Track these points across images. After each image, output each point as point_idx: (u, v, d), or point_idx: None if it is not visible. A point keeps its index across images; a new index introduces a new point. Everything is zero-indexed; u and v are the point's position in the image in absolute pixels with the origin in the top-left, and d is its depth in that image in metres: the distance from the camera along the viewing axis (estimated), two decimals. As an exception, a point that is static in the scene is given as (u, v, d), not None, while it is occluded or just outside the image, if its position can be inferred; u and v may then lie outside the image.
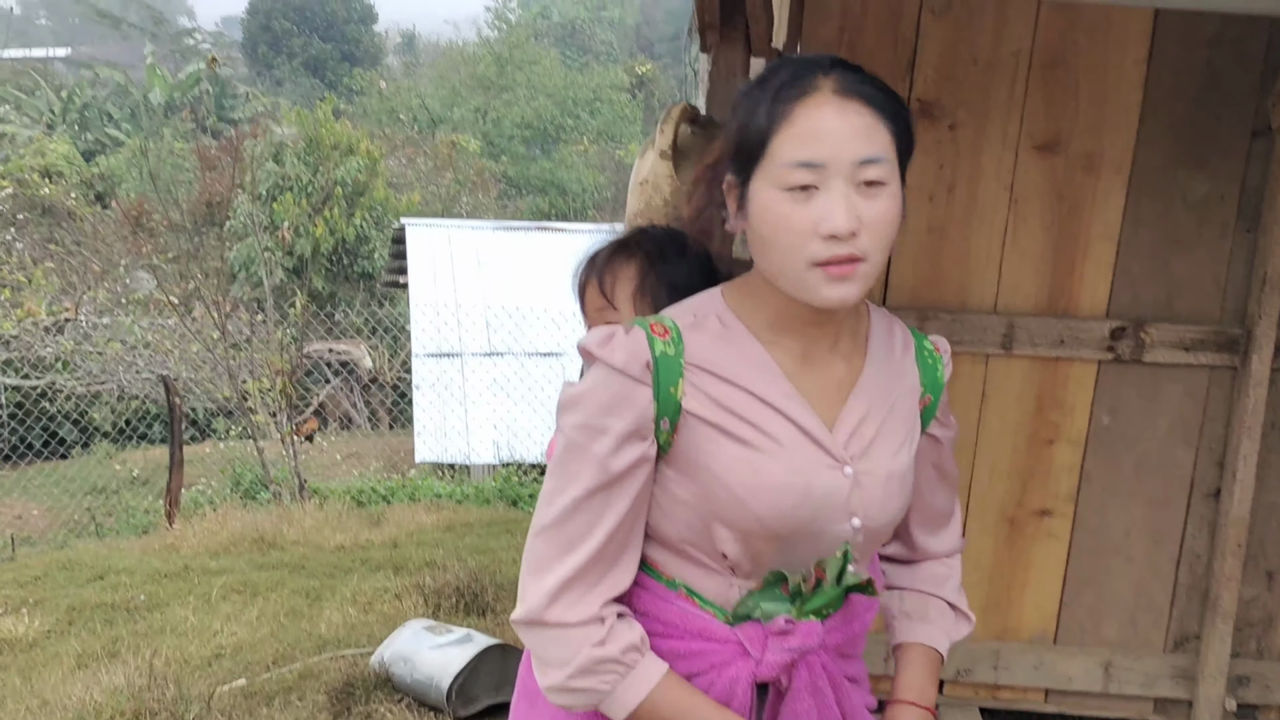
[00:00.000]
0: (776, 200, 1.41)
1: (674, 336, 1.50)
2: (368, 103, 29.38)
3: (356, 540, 7.53)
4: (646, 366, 1.47)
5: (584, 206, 25.46)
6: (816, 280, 1.42)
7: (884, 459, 1.56)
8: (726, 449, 1.49)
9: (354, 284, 18.27)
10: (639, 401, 1.47)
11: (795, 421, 1.51)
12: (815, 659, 1.53)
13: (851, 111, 1.42)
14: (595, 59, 34.53)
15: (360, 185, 17.87)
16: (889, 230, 1.43)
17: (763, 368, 1.52)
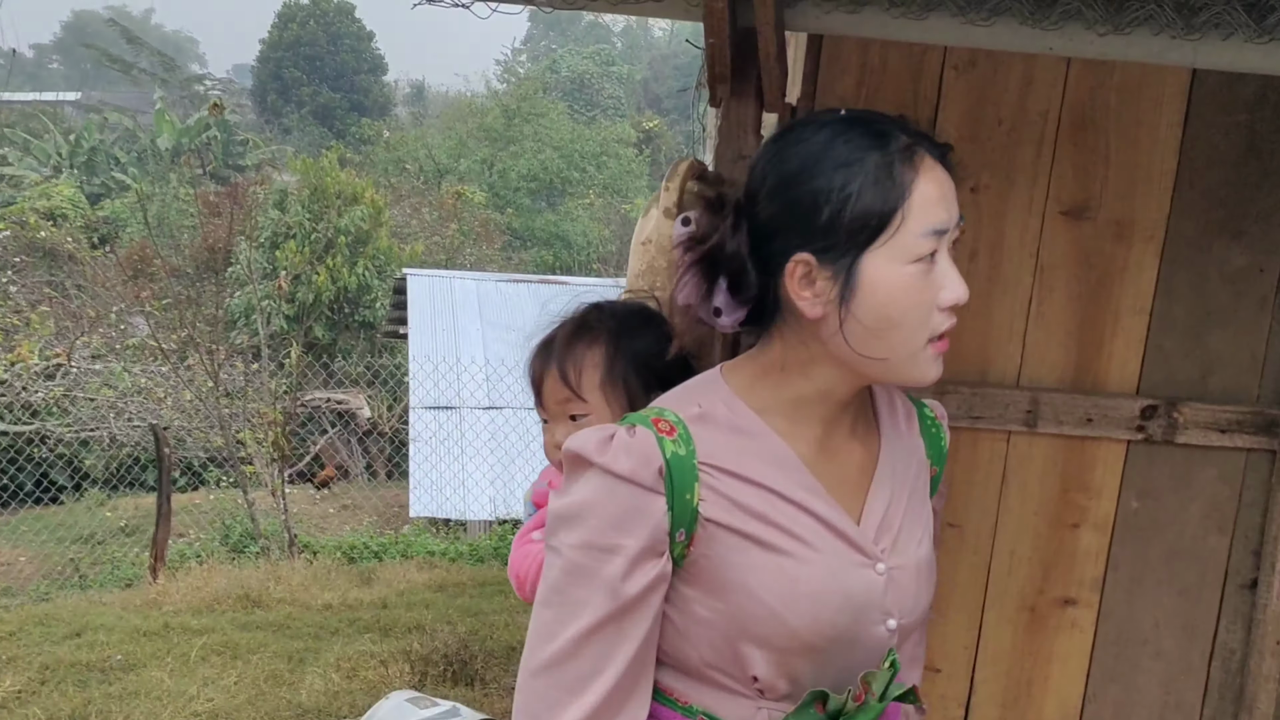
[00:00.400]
0: (906, 275, 1.30)
1: (682, 433, 1.35)
2: (374, 152, 29.47)
3: (345, 599, 7.35)
4: (659, 473, 1.31)
5: (588, 260, 25.46)
6: (930, 358, 1.34)
7: (912, 549, 1.46)
8: (755, 559, 1.34)
9: (354, 333, 18.21)
10: (653, 513, 1.31)
11: (823, 519, 1.38)
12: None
13: (946, 173, 1.36)
14: (603, 113, 34.72)
15: (364, 234, 17.83)
16: None
17: (782, 461, 1.38)
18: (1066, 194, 2.59)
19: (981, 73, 2.55)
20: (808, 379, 1.39)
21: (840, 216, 1.29)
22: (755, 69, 2.39)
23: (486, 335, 12.88)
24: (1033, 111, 2.56)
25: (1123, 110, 2.55)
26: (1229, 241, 2.60)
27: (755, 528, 1.35)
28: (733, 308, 1.43)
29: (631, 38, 57.10)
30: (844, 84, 2.55)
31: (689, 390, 1.45)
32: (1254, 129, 2.57)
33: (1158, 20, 2.19)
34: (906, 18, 2.25)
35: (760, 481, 1.36)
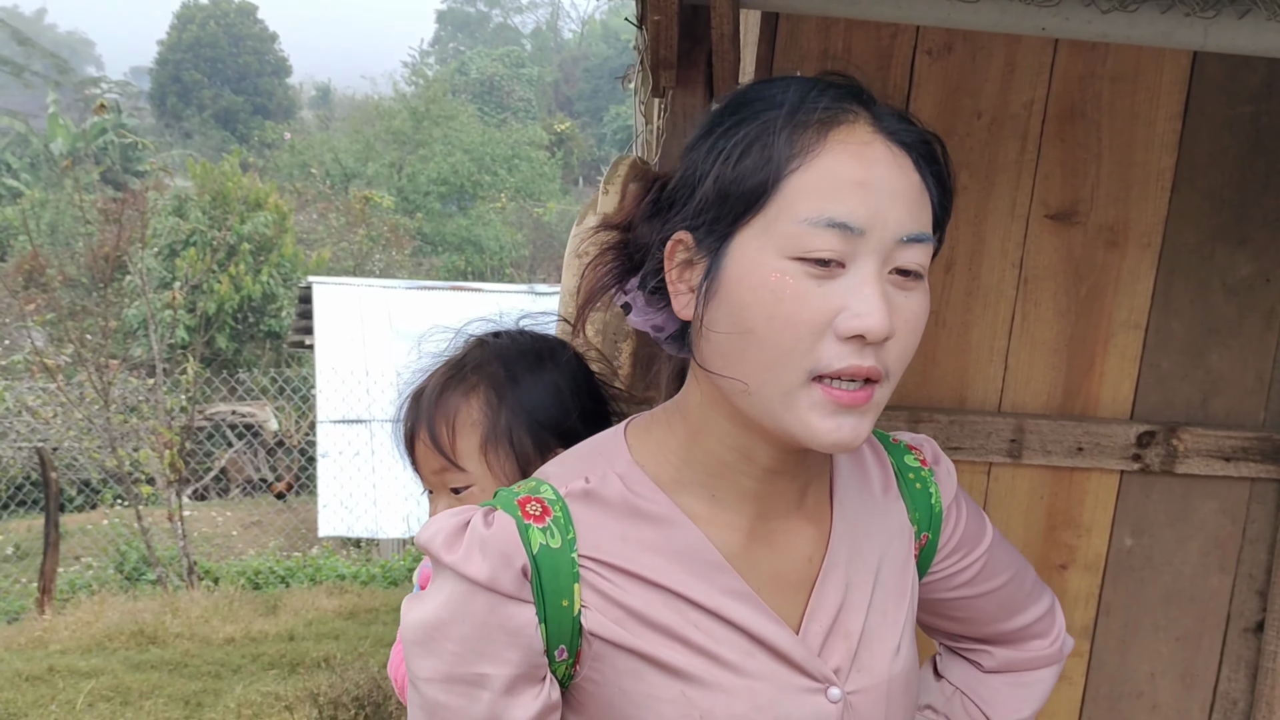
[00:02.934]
0: (780, 271, 0.95)
1: (558, 517, 1.04)
2: (278, 156, 28.81)
3: (248, 632, 6.94)
4: (523, 574, 1.01)
5: (501, 265, 25.12)
6: (812, 404, 0.96)
7: (881, 663, 1.12)
8: (654, 686, 1.03)
9: (260, 343, 17.75)
10: (520, 628, 1.01)
11: (750, 633, 1.06)
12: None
13: (905, 165, 0.99)
14: (513, 115, 34.35)
15: (267, 241, 17.32)
16: (912, 341, 0.99)
17: (695, 556, 1.05)
18: (1053, 196, 2.30)
19: (958, 58, 2.25)
20: (713, 429, 1.05)
21: (718, 181, 0.98)
22: (704, 53, 2.08)
23: (397, 345, 12.45)
24: (1015, 103, 2.27)
25: (1116, 102, 2.27)
26: (1233, 249, 2.33)
27: (654, 645, 1.04)
28: (644, 307, 1.12)
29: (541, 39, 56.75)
30: (804, 72, 2.23)
31: (580, 454, 1.12)
32: (1260, 122, 2.30)
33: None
34: (881, -8, 1.95)
35: (663, 584, 1.05)
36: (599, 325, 1.94)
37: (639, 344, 1.94)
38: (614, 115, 36.68)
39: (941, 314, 2.32)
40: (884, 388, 0.99)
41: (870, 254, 0.96)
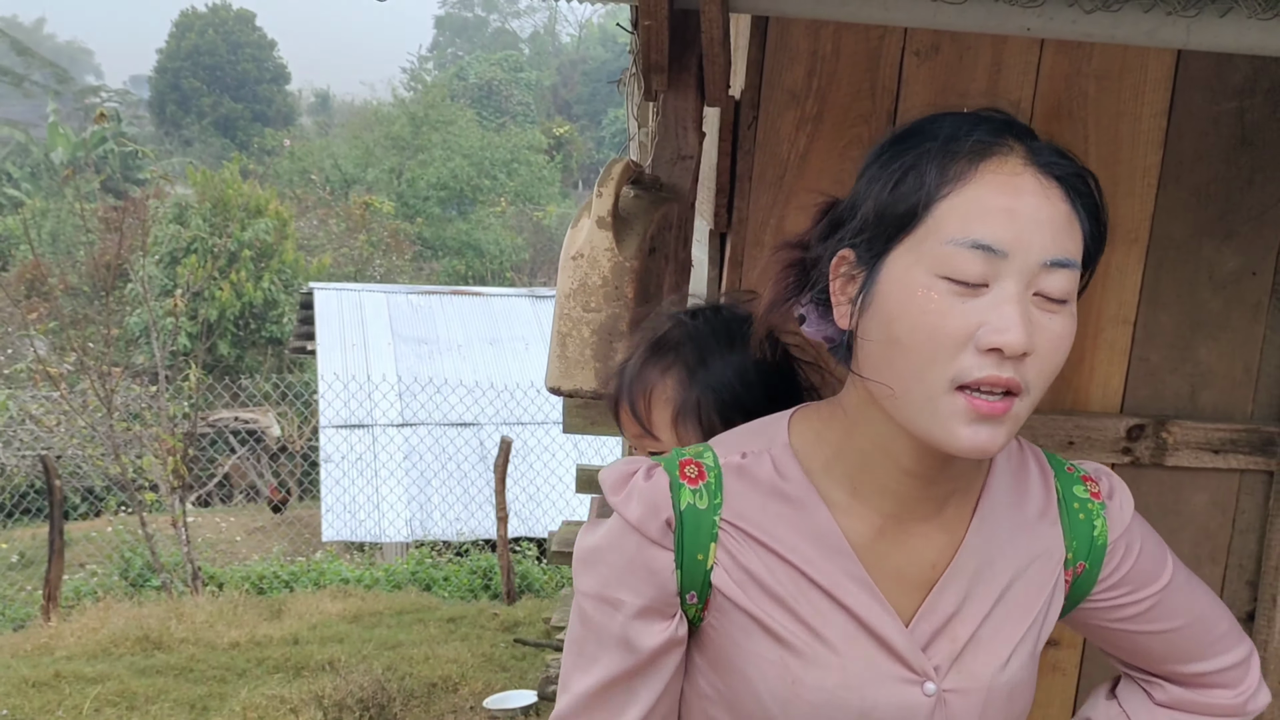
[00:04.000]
0: (928, 286, 1.04)
1: (711, 482, 1.18)
2: (279, 163, 28.83)
3: (253, 636, 6.96)
4: (667, 525, 1.17)
5: (502, 269, 25.12)
6: (954, 412, 1.05)
7: (985, 670, 1.19)
8: (761, 647, 1.16)
9: (261, 349, 17.76)
10: (659, 569, 1.17)
11: (859, 618, 1.16)
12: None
13: (1055, 196, 1.07)
14: (512, 120, 34.35)
15: (268, 247, 17.34)
16: (1055, 362, 1.07)
17: (824, 539, 1.17)
18: (1041, 193, 2.32)
19: (945, 59, 2.28)
20: (865, 428, 1.15)
21: (876, 204, 1.09)
22: (695, 57, 2.10)
23: (398, 350, 12.49)
24: (1003, 101, 2.28)
25: (1101, 99, 2.30)
26: (1219, 243, 2.36)
27: (769, 611, 1.16)
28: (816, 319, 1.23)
29: (539, 44, 56.77)
30: (793, 74, 2.27)
31: (748, 431, 1.25)
32: (1244, 118, 2.33)
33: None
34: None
35: (788, 558, 1.16)
36: (595, 326, 1.97)
37: (634, 344, 1.97)
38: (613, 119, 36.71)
39: (932, 311, 2.36)
40: (1024, 401, 1.06)
41: (1013, 275, 1.03)
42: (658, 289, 2.04)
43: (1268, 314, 2.41)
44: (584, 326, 1.96)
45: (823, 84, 2.28)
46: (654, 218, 2.01)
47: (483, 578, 9.78)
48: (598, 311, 1.95)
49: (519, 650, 6.75)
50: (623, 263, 1.95)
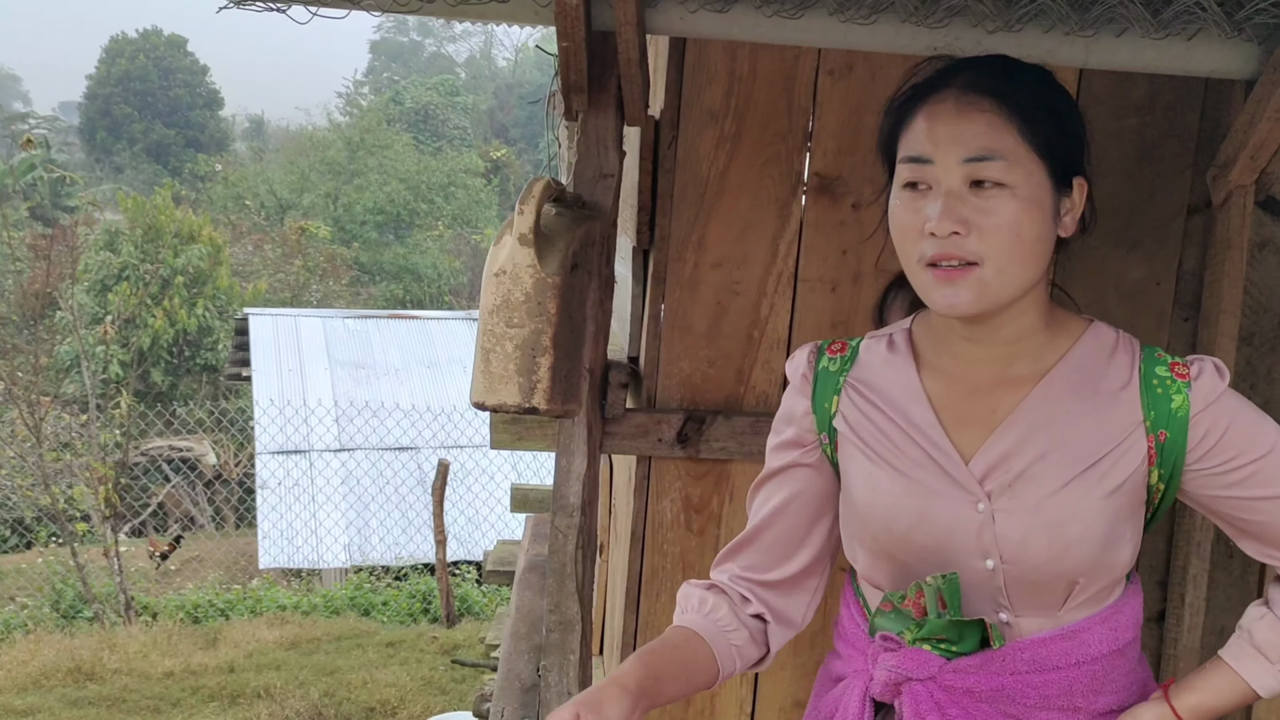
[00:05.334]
0: (897, 199, 1.44)
1: (848, 354, 1.59)
2: (212, 189, 28.54)
3: (188, 665, 6.87)
4: (805, 379, 1.59)
5: (440, 292, 25.03)
6: (927, 282, 1.40)
7: (1034, 498, 1.45)
8: (857, 465, 1.53)
9: (196, 377, 17.54)
10: (797, 411, 1.59)
11: (925, 448, 1.49)
12: (923, 691, 1.46)
13: (972, 107, 1.40)
14: (449, 144, 34.24)
15: (202, 273, 17.16)
16: (1006, 236, 1.37)
17: (908, 391, 1.52)
18: (953, 208, 2.40)
19: (859, 78, 2.35)
20: None
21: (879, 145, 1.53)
22: (614, 77, 2.15)
23: (335, 374, 12.42)
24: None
25: (1008, 116, 2.37)
26: (1125, 254, 2.45)
27: (866, 441, 1.52)
28: None
29: (475, 68, 56.77)
30: (711, 93, 2.32)
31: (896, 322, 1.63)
32: (1144, 134, 2.42)
33: (1049, 15, 2.01)
34: (780, 16, 2.03)
35: (883, 407, 1.52)
36: (518, 341, 2.01)
37: (556, 359, 2.01)
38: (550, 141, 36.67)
39: (850, 324, 2.41)
40: (987, 269, 1.37)
41: (940, 177, 1.38)
42: (580, 305, 2.08)
43: (1171, 323, 2.49)
44: (507, 342, 1.99)
45: (740, 103, 2.33)
46: (576, 235, 2.05)
47: (422, 601, 9.73)
48: (520, 327, 1.99)
49: (458, 672, 6.73)
50: (545, 279, 1.98)
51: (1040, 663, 1.47)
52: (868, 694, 1.51)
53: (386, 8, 1.96)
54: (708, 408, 2.39)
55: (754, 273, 2.37)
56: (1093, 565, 1.45)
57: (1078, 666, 1.48)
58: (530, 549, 4.23)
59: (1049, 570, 1.44)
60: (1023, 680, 1.47)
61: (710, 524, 2.43)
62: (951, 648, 1.46)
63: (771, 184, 2.35)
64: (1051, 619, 1.48)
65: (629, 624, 2.46)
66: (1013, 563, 1.44)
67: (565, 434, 2.18)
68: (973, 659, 1.45)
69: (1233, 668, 1.50)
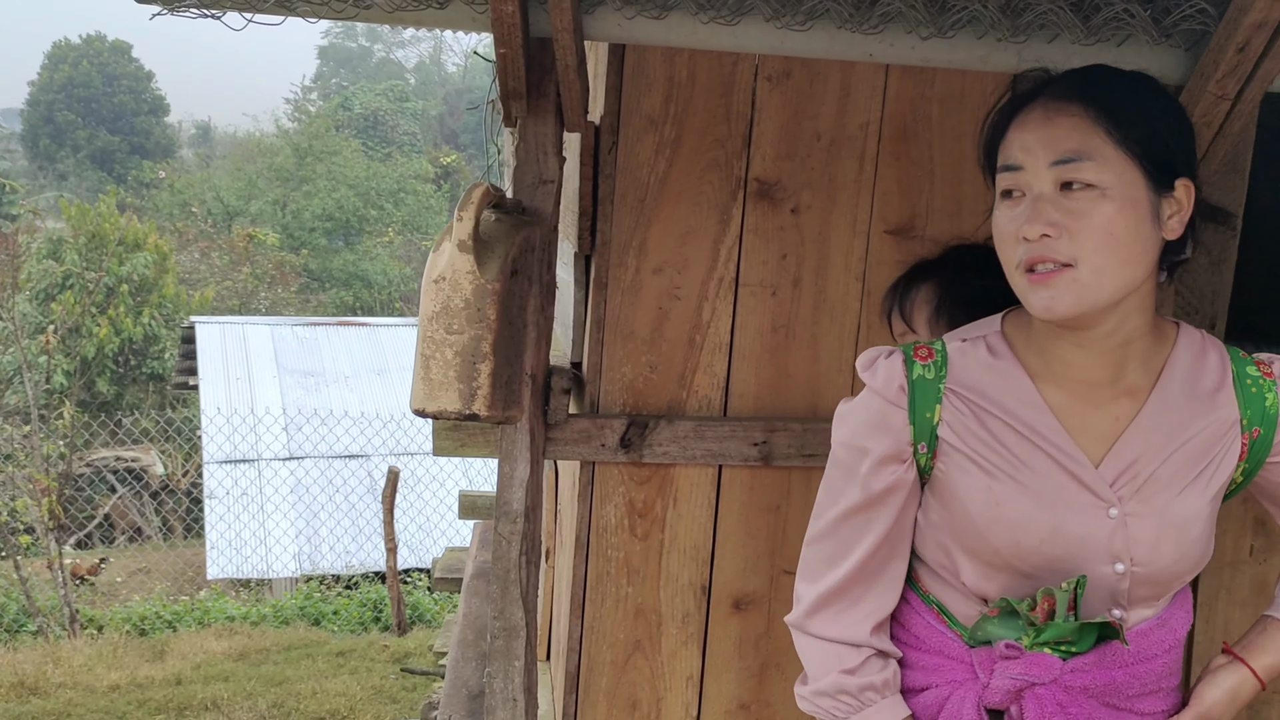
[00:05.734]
0: (997, 209, 1.48)
1: (938, 360, 1.55)
2: (158, 196, 28.23)
3: (134, 678, 6.79)
4: (901, 390, 1.53)
5: (390, 299, 24.89)
6: (1025, 286, 1.43)
7: (1162, 501, 1.50)
8: (972, 479, 1.50)
9: (143, 386, 17.34)
10: (895, 425, 1.53)
11: (1053, 456, 1.48)
12: (1048, 694, 1.48)
13: (1059, 113, 1.44)
14: (398, 149, 34.08)
15: (148, 282, 16.96)
16: (1098, 236, 1.39)
17: (1025, 398, 1.51)
18: (891, 212, 2.42)
19: (796, 84, 2.37)
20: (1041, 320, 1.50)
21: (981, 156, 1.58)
22: (553, 83, 2.15)
23: (284, 383, 12.33)
24: (852, 125, 2.39)
25: (945, 121, 2.41)
26: (1060, 256, 2.48)
27: (980, 452, 1.50)
28: None
29: (425, 73, 56.54)
30: (650, 100, 2.33)
31: (970, 326, 1.62)
32: (1078, 138, 2.45)
33: (982, 22, 2.04)
34: (717, 23, 2.05)
35: (999, 414, 1.50)
36: (458, 348, 2.01)
37: (496, 365, 2.01)
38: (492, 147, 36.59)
39: (791, 327, 2.43)
40: (1083, 271, 1.39)
41: (1034, 182, 1.43)
42: (520, 311, 2.08)
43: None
44: (447, 348, 1.99)
45: (679, 109, 2.34)
46: (515, 241, 2.05)
47: (373, 610, 9.67)
48: (460, 333, 1.99)
49: (409, 681, 6.69)
50: (484, 285, 1.99)
51: (1144, 653, 1.53)
52: (980, 703, 1.51)
53: (322, 14, 1.95)
54: (650, 412, 2.40)
55: (695, 277, 2.38)
56: (1201, 561, 1.54)
57: (1169, 651, 1.56)
58: (478, 556, 4.22)
59: (1173, 570, 1.51)
60: (1130, 672, 1.52)
61: (654, 528, 2.43)
62: (1072, 649, 1.49)
63: (711, 189, 2.36)
64: (1152, 609, 1.55)
65: (574, 629, 2.46)
66: (1143, 565, 1.49)
67: (508, 440, 2.18)
68: (1088, 657, 1.49)
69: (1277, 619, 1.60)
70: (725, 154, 2.36)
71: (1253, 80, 1.98)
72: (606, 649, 2.44)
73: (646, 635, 2.45)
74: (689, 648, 2.46)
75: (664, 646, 2.46)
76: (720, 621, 2.47)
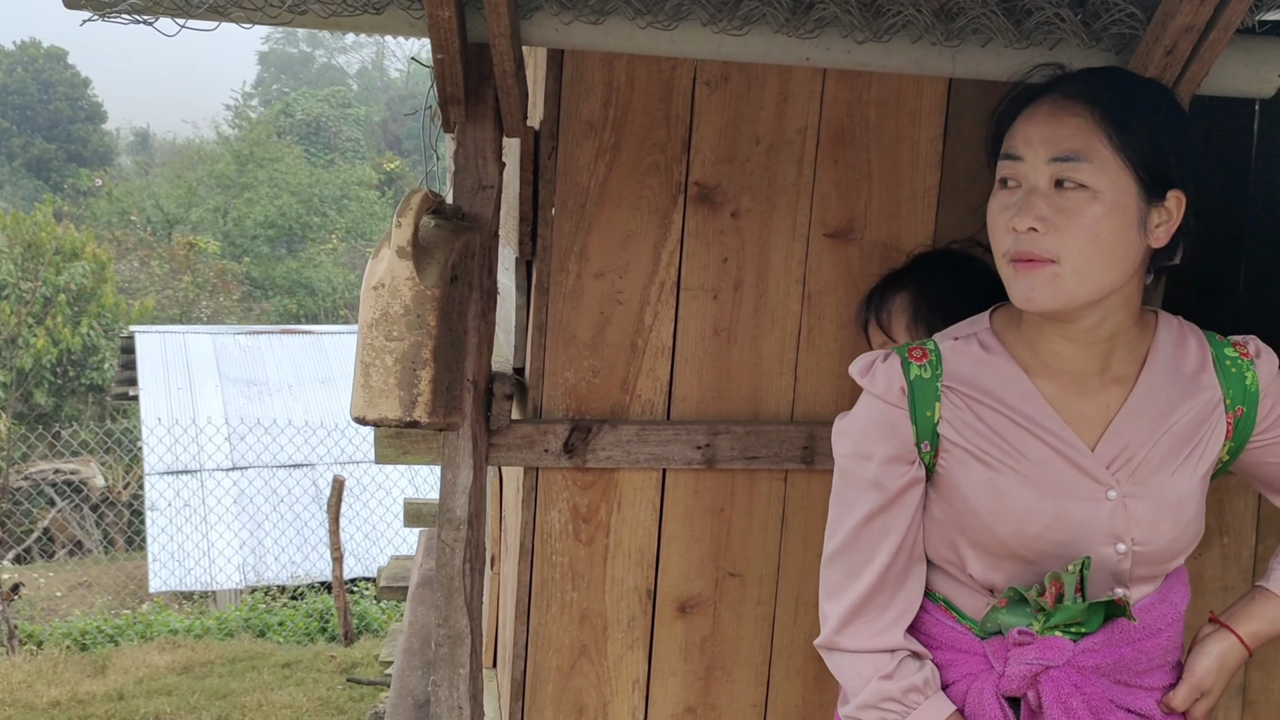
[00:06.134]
0: (993, 195, 1.54)
1: (933, 359, 1.59)
2: (96, 204, 27.82)
3: (75, 694, 6.69)
4: (902, 392, 1.57)
5: (335, 306, 24.71)
6: (1009, 275, 1.49)
7: (1157, 482, 1.55)
8: (974, 472, 1.54)
9: (82, 397, 17.08)
10: (899, 426, 1.57)
11: (1051, 444, 1.53)
12: (1063, 676, 1.51)
13: (1065, 111, 1.49)
14: (341, 156, 33.81)
15: (86, 291, 16.72)
16: (1084, 237, 1.44)
17: (1020, 391, 1.55)
18: (830, 215, 2.44)
19: (735, 88, 2.38)
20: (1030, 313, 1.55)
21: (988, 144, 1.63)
22: (492, 89, 2.15)
23: (226, 392, 12.20)
24: (790, 129, 2.40)
25: (882, 125, 2.43)
26: (996, 258, 2.51)
27: (980, 445, 1.54)
28: None
29: (367, 79, 56.16)
30: (589, 105, 2.33)
31: (958, 325, 1.66)
32: (1012, 141, 2.48)
33: (916, 26, 2.07)
34: (654, 28, 2.06)
35: (996, 407, 1.55)
36: (398, 355, 1.99)
37: (437, 372, 2.00)
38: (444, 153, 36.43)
39: (733, 331, 2.44)
40: (1064, 268, 1.44)
41: (1030, 175, 1.48)
42: (461, 317, 2.07)
43: (1043, 324, 2.56)
44: (387, 355, 1.98)
45: (619, 114, 2.35)
46: (455, 246, 2.05)
47: (320, 620, 9.59)
48: (400, 340, 1.98)
49: (356, 691, 6.64)
50: (424, 291, 1.98)
51: (1149, 628, 1.57)
52: (999, 692, 1.54)
53: (256, 20, 1.94)
54: (594, 417, 2.40)
55: (636, 282, 2.38)
56: (1196, 538, 1.60)
57: (1171, 625, 1.61)
58: (423, 564, 4.20)
59: (1172, 548, 1.57)
60: (1138, 648, 1.56)
61: (599, 533, 2.43)
62: (1081, 629, 1.53)
63: (651, 194, 2.37)
64: (1152, 586, 1.60)
65: (520, 636, 2.45)
66: (1144, 543, 1.54)
67: (450, 447, 2.17)
68: (1097, 637, 1.53)
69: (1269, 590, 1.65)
70: (665, 158, 2.36)
71: (1181, 82, 2.01)
72: (552, 655, 2.44)
73: (592, 640, 2.45)
74: (635, 652, 2.46)
75: (610, 651, 2.45)
76: (666, 625, 2.47)
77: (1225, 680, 1.62)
